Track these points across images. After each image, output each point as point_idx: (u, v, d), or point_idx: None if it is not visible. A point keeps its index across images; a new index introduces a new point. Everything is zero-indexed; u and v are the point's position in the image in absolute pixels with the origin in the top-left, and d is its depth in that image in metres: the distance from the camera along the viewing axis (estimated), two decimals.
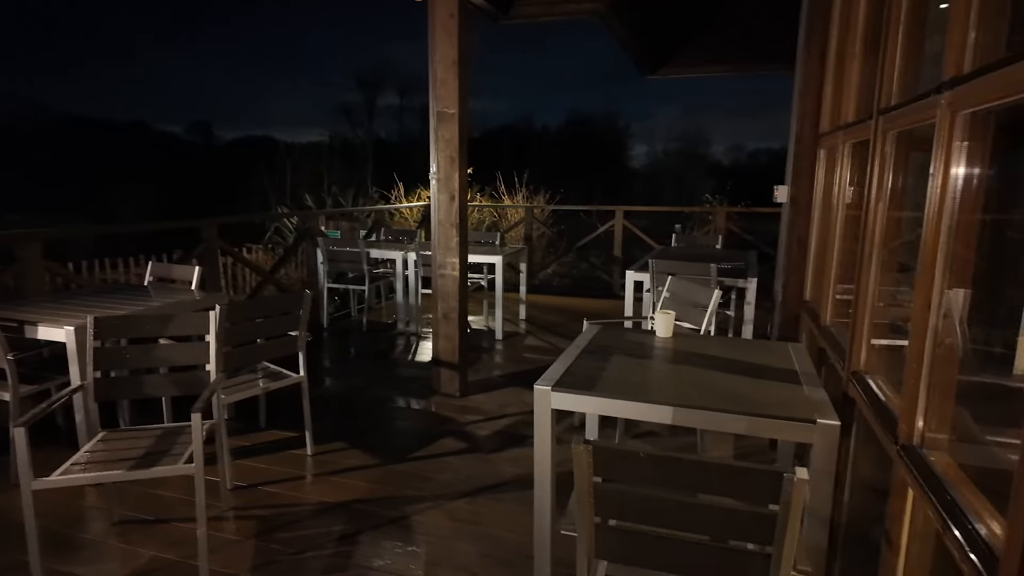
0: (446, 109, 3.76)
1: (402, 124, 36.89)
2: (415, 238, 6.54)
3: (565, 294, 7.64)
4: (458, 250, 3.88)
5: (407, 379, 4.49)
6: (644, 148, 45.06)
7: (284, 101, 56.76)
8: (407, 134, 33.03)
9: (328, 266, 5.76)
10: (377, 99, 35.46)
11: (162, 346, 2.58)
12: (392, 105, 38.21)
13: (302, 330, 3.06)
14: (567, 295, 7.60)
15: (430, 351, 5.16)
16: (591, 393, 1.94)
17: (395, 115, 37.44)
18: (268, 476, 2.94)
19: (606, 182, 27.11)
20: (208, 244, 4.58)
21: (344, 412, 3.78)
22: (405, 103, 36.36)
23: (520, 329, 5.90)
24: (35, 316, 2.88)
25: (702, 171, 33.86)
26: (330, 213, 7.25)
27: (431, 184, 3.91)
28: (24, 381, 2.89)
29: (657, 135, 43.63)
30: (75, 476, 2.02)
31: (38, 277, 3.53)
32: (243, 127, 48.81)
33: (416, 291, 5.65)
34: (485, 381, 4.45)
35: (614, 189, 27.24)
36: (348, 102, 36.18)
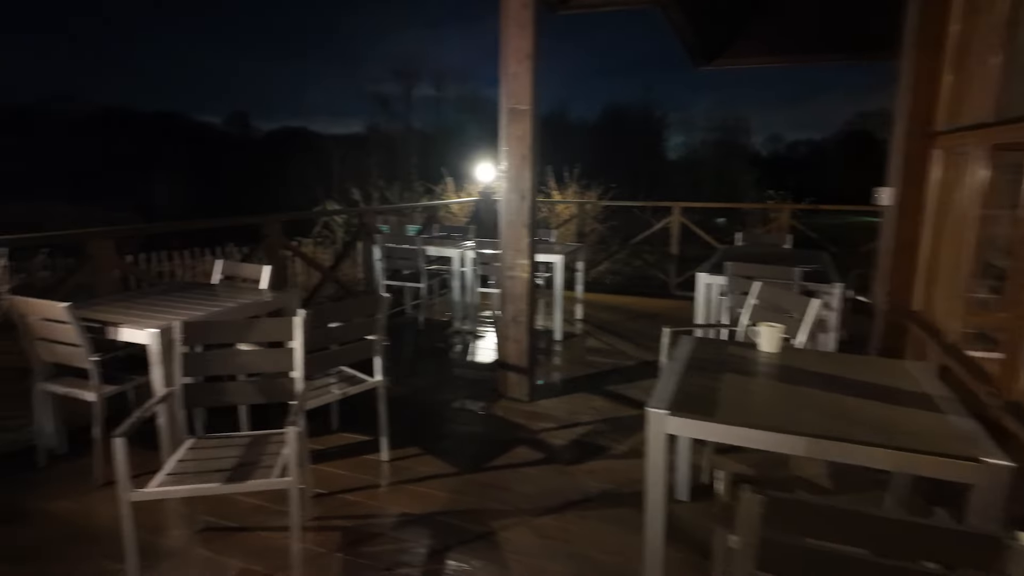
0: (518, 105, 3.62)
1: (438, 115, 36.92)
2: (468, 234, 6.44)
3: (618, 292, 7.46)
4: (528, 251, 3.75)
5: (471, 381, 4.40)
6: (681, 139, 44.10)
7: (319, 91, 57.34)
8: (443, 125, 33.08)
9: (385, 263, 5.70)
10: (413, 90, 35.56)
11: (247, 352, 2.52)
12: (428, 96, 38.25)
13: (380, 334, 2.98)
14: (620, 294, 7.42)
15: (489, 351, 5.08)
16: (714, 420, 1.79)
17: (431, 106, 37.47)
18: (346, 483, 2.88)
19: (643, 174, 26.63)
20: (270, 241, 4.55)
21: (412, 415, 3.71)
22: (441, 94, 36.39)
23: (578, 329, 5.76)
24: (115, 317, 2.86)
25: (743, 163, 32.98)
26: (388, 209, 7.21)
27: (501, 182, 3.78)
28: (104, 380, 2.89)
29: (694, 126, 42.58)
30: (172, 488, 1.97)
31: (110, 275, 3.53)
32: (280, 118, 49.45)
33: (473, 289, 5.55)
34: (551, 385, 4.33)
35: (652, 181, 26.73)
36: (384, 92, 36.32)
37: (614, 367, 4.72)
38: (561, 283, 5.21)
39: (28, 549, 2.36)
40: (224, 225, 4.83)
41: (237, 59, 61.55)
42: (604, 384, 4.28)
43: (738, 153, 35.59)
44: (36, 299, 2.73)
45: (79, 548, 2.36)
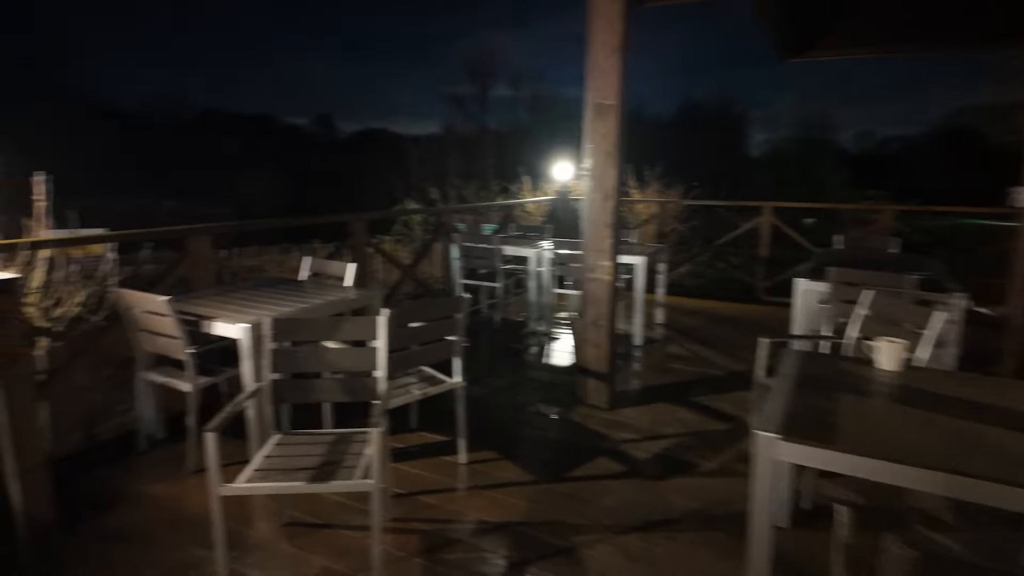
0: (604, 101, 3.48)
1: (514, 114, 37.06)
2: (545, 234, 6.34)
3: (700, 296, 7.13)
4: (610, 253, 3.60)
5: (548, 384, 4.30)
6: (763, 136, 41.95)
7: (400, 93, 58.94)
8: (519, 124, 33.18)
9: (462, 262, 5.70)
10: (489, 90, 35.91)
11: (333, 350, 2.53)
12: (504, 96, 38.49)
13: (459, 335, 2.93)
14: (702, 297, 7.09)
15: (565, 354, 4.96)
16: (833, 448, 1.59)
17: (507, 105, 37.72)
18: (424, 484, 2.85)
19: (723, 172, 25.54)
20: (356, 240, 4.64)
21: (489, 417, 3.65)
22: (518, 93, 36.51)
23: (659, 334, 5.53)
24: (209, 311, 2.97)
25: (830, 160, 30.95)
26: (465, 209, 7.24)
27: (585, 180, 3.65)
28: (199, 372, 3.00)
29: (776, 122, 40.35)
30: (259, 485, 1.98)
31: (206, 269, 3.69)
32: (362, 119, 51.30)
33: (550, 290, 5.44)
34: (631, 393, 4.15)
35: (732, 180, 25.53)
36: (461, 93, 36.85)
37: (699, 376, 4.48)
38: (643, 286, 5.01)
39: (127, 531, 2.47)
40: (311, 224, 4.99)
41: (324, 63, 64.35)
42: (689, 394, 4.06)
43: (824, 150, 33.45)
44: (139, 292, 2.87)
45: (171, 533, 2.44)
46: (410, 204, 11.02)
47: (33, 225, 3.24)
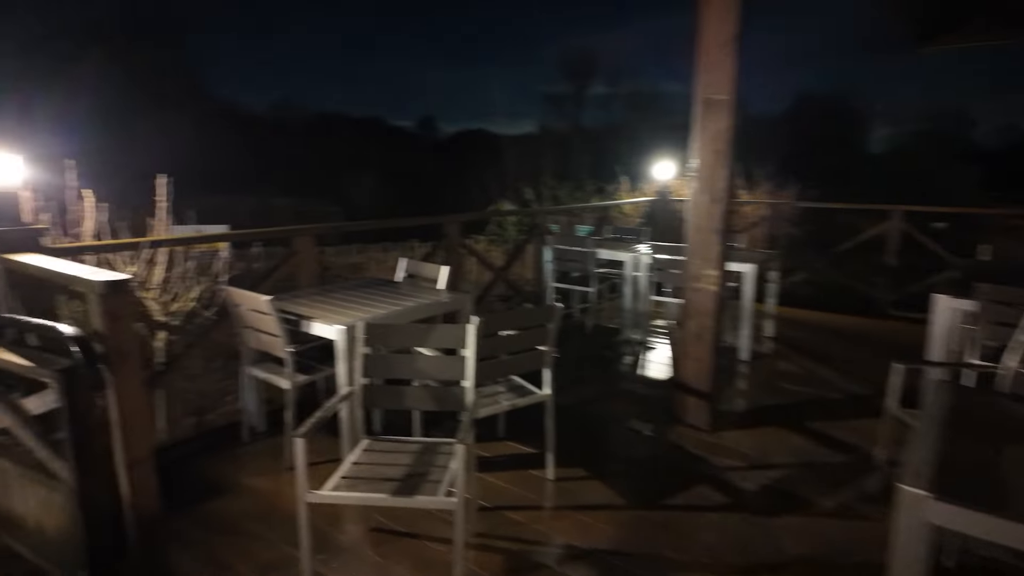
0: (715, 96, 3.20)
1: (611, 113, 36.42)
2: (642, 237, 6.06)
3: (814, 307, 6.53)
4: (717, 260, 3.32)
5: (642, 398, 4.07)
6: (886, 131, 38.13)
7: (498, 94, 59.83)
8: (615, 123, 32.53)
9: (554, 264, 5.57)
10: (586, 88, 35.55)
11: (422, 358, 2.49)
12: (600, 94, 37.92)
13: (550, 345, 2.79)
14: (817, 308, 6.49)
15: (661, 365, 4.69)
16: (1010, 517, 1.29)
17: (603, 104, 37.13)
18: (510, 499, 2.75)
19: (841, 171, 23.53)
20: (451, 241, 4.64)
21: (579, 430, 3.49)
22: (615, 90, 35.86)
23: (767, 348, 5.10)
24: (309, 311, 3.03)
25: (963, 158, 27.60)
26: (560, 210, 7.11)
27: (691, 182, 3.40)
28: (298, 369, 3.08)
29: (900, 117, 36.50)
30: (344, 494, 1.96)
31: (310, 268, 3.81)
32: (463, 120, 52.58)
33: (646, 296, 5.18)
34: (736, 413, 3.83)
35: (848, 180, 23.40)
36: (557, 92, 36.68)
37: (813, 398, 4.07)
38: (752, 295, 4.63)
39: (226, 521, 2.57)
40: (406, 225, 5.09)
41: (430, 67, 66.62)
42: (802, 418, 3.68)
43: (956, 147, 29.90)
44: (244, 291, 2.99)
45: (265, 528, 2.50)
46: (505, 205, 11.04)
47: (155, 224, 3.48)
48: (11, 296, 2.33)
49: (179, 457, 3.10)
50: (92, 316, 1.87)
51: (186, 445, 3.24)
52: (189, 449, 3.19)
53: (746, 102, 3.39)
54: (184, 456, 3.12)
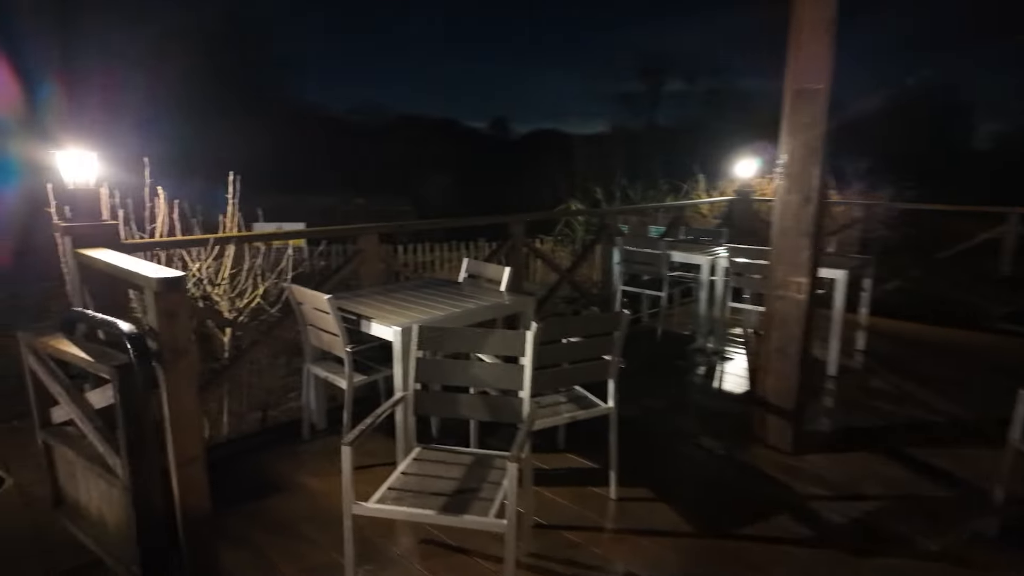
0: (809, 85, 2.89)
1: (685, 110, 35.29)
2: (720, 239, 5.71)
3: (911, 318, 5.94)
4: (808, 267, 3.00)
5: (715, 414, 3.78)
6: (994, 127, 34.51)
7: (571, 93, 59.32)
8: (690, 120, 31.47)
9: (623, 267, 5.33)
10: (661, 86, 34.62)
11: (477, 365, 2.37)
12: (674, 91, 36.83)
13: (616, 355, 2.60)
14: (914, 319, 5.89)
15: (738, 378, 4.36)
16: None
17: (679, 101, 36.04)
18: (568, 517, 2.58)
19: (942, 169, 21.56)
20: (515, 241, 4.52)
21: (645, 445, 3.27)
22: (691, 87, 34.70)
23: (857, 363, 4.66)
24: (369, 310, 2.98)
25: None
26: (630, 210, 6.85)
27: (777, 179, 3.10)
28: (357, 369, 3.04)
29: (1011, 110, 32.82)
30: (391, 508, 1.86)
31: (375, 267, 3.78)
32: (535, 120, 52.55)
33: (723, 303, 4.85)
34: (822, 434, 3.49)
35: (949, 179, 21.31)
36: (630, 90, 35.92)
37: (911, 421, 3.64)
38: (842, 304, 4.23)
39: (279, 520, 2.54)
40: (473, 224, 5.03)
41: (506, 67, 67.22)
42: (897, 443, 3.30)
43: None
44: (306, 289, 2.97)
45: (316, 530, 2.45)
46: (574, 204, 10.82)
47: (225, 221, 3.56)
48: (84, 291, 2.39)
49: (240, 452, 3.13)
50: (148, 313, 1.86)
51: (248, 440, 3.28)
52: (251, 444, 3.23)
53: (835, 95, 3.05)
54: (245, 451, 3.15)
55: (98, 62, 16.72)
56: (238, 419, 3.48)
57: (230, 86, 29.68)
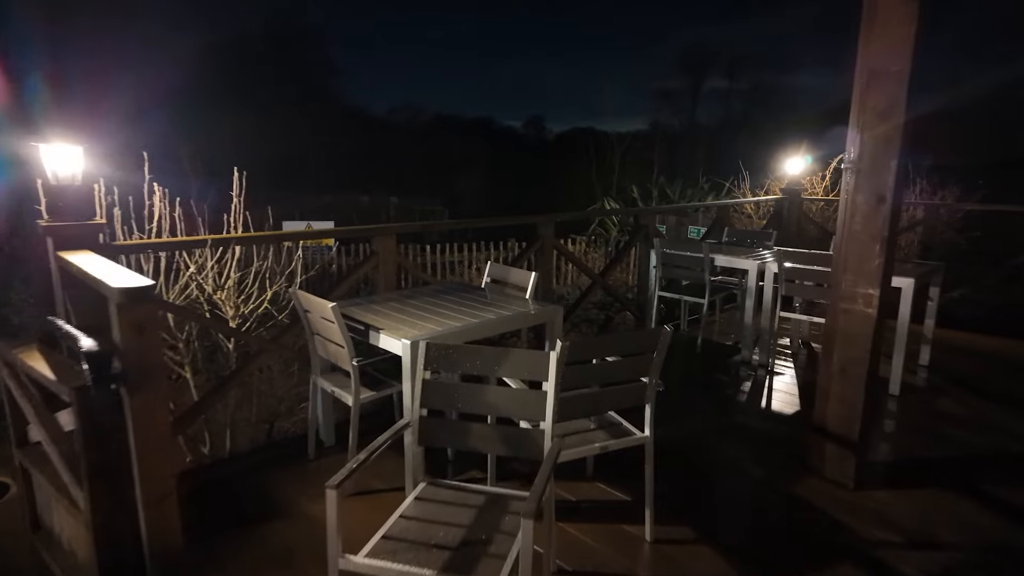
0: (885, 66, 2.49)
1: (728, 107, 34.36)
2: (768, 241, 5.27)
3: (982, 330, 5.39)
4: (879, 277, 2.61)
5: (764, 439, 3.40)
6: None
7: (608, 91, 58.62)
8: (733, 117, 30.54)
9: (660, 271, 4.95)
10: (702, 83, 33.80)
11: (492, 390, 2.06)
12: (716, 88, 35.93)
13: (654, 378, 2.26)
14: (986, 332, 5.34)
15: (788, 396, 3.94)
16: None
17: (720, 99, 35.13)
18: (597, 561, 2.25)
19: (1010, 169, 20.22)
20: (544, 243, 4.19)
21: (685, 474, 2.92)
22: (734, 85, 33.71)
23: (921, 380, 4.19)
24: (378, 320, 2.72)
25: None
26: (669, 209, 6.45)
27: (844, 176, 2.70)
28: (366, 384, 2.79)
29: None
30: (382, 564, 1.57)
31: (390, 270, 3.52)
32: (571, 119, 52.02)
33: (772, 312, 4.43)
34: (885, 464, 3.08)
35: None
36: (669, 88, 35.13)
37: (991, 451, 3.20)
38: (908, 316, 3.78)
39: (273, 549, 2.30)
40: (501, 224, 4.75)
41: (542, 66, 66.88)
42: (977, 478, 2.87)
43: None
44: (311, 295, 2.72)
45: (313, 565, 2.20)
46: (609, 203, 10.43)
47: (232, 222, 3.34)
48: (65, 297, 2.18)
49: (242, 470, 2.91)
50: (113, 327, 1.62)
51: (253, 456, 3.06)
52: (255, 461, 3.00)
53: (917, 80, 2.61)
54: (248, 469, 2.92)
55: (150, 64, 17.09)
56: (245, 430, 3.26)
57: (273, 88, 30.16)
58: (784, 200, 6.64)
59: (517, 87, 65.17)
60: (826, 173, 7.35)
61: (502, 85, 62.08)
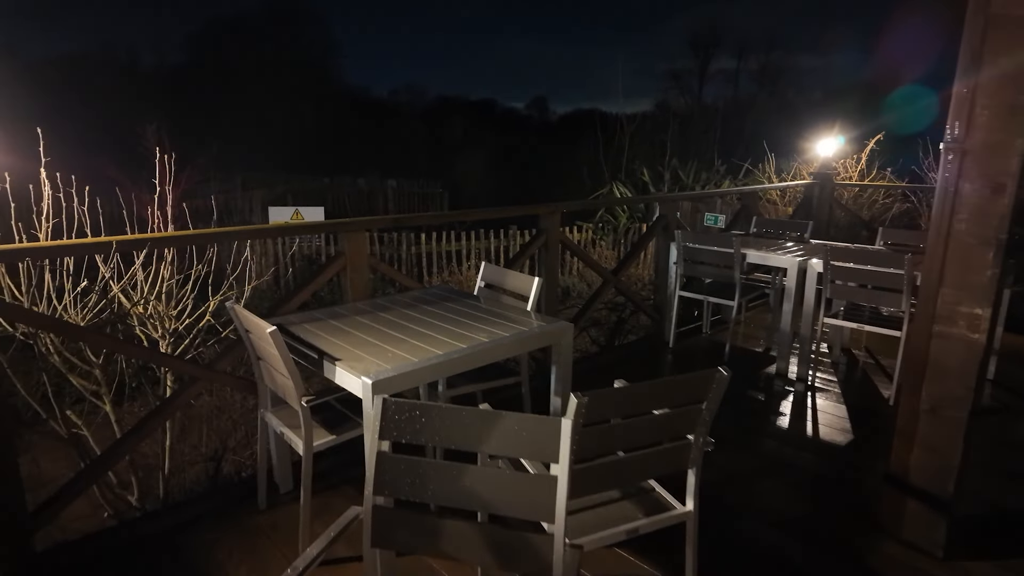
0: (1012, 9, 1.84)
1: (737, 89, 33.47)
2: (805, 233, 4.64)
3: None
4: (991, 292, 1.98)
5: (815, 480, 2.79)
6: None
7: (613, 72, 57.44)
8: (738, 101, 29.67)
9: (682, 267, 4.33)
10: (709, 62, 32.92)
11: (475, 472, 1.43)
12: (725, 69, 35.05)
13: (701, 435, 1.66)
14: None
15: (836, 420, 3.31)
16: None
17: (729, 79, 34.22)
18: None
19: None
20: (549, 238, 3.55)
21: (722, 528, 2.33)
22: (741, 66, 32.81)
23: (987, 398, 3.58)
24: (338, 343, 2.12)
25: None
26: (697, 196, 5.80)
27: (943, 158, 2.06)
28: (324, 422, 2.20)
29: None
30: None
31: (361, 275, 2.90)
32: (575, 100, 50.95)
33: (815, 317, 3.81)
34: (974, 520, 2.47)
35: None
36: (678, 68, 34.22)
37: None
38: None
39: None
40: (497, 216, 4.14)
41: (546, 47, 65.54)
42: None
43: None
44: (248, 312, 2.11)
45: None
46: (618, 187, 9.74)
47: (158, 216, 2.71)
48: None
49: (174, 526, 2.32)
50: None
51: (189, 507, 2.47)
52: (191, 513, 2.41)
53: None
54: (181, 524, 2.33)
55: None
56: (187, 471, 2.68)
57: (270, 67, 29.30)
58: (815, 185, 5.97)
59: (521, 68, 63.91)
60: (861, 155, 6.67)
61: (506, 66, 60.86)
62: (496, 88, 64.13)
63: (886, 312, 3.79)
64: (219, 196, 13.34)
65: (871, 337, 4.40)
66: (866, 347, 4.48)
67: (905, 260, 3.31)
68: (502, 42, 65.65)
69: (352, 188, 18.00)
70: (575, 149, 20.89)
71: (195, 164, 8.26)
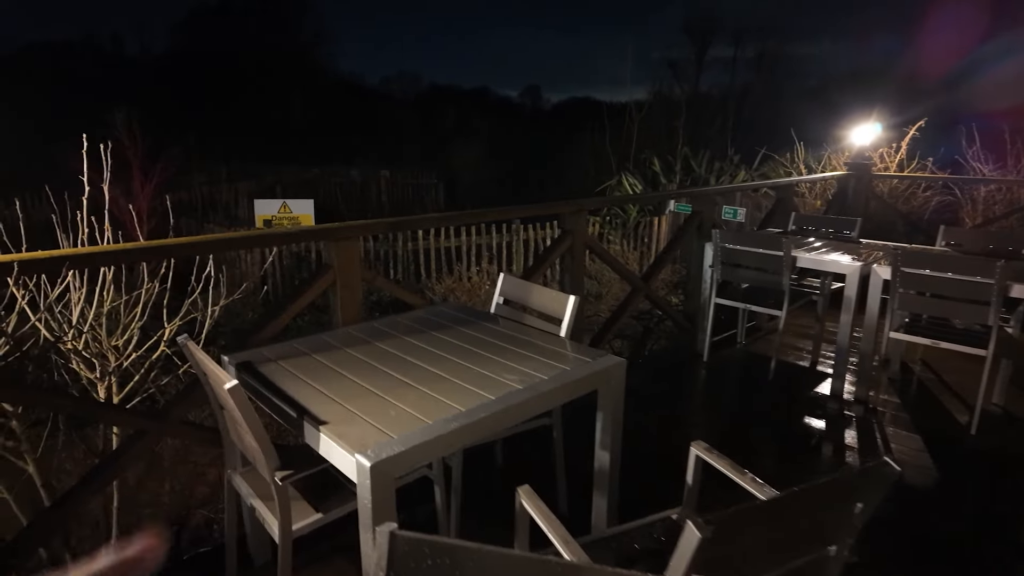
0: None
1: (732, 78, 32.91)
2: (852, 231, 4.14)
3: None
4: None
5: (895, 532, 2.29)
6: None
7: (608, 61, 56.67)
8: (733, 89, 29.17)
9: (719, 271, 3.82)
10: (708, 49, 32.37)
11: None
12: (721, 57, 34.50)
13: (844, 547, 1.15)
14: None
15: (911, 452, 2.80)
16: None
17: (726, 67, 33.66)
18: None
19: None
20: (575, 241, 3.01)
21: None
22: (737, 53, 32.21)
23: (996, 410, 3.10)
24: (322, 396, 1.60)
25: None
26: (739, 188, 5.28)
27: None
28: (307, 496, 1.68)
29: None
30: None
31: (352, 293, 2.36)
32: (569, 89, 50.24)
33: (877, 332, 3.30)
34: None
35: None
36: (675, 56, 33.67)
37: None
38: None
39: None
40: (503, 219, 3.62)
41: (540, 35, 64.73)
42: None
43: None
44: (203, 355, 1.58)
45: None
46: (627, 178, 9.19)
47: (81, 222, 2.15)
48: None
49: None
50: None
51: None
52: None
53: None
54: None
55: None
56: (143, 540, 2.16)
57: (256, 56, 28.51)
58: (850, 176, 5.46)
59: (516, 57, 63.01)
60: (902, 144, 6.15)
61: (498, 54, 59.98)
62: (488, 76, 63.33)
63: (960, 325, 3.30)
64: (203, 188, 12.73)
65: (928, 350, 3.90)
66: (922, 359, 3.99)
67: (996, 268, 2.81)
68: (493, 30, 64.67)
69: (344, 179, 17.36)
70: (572, 138, 20.30)
71: (172, 154, 7.66)
